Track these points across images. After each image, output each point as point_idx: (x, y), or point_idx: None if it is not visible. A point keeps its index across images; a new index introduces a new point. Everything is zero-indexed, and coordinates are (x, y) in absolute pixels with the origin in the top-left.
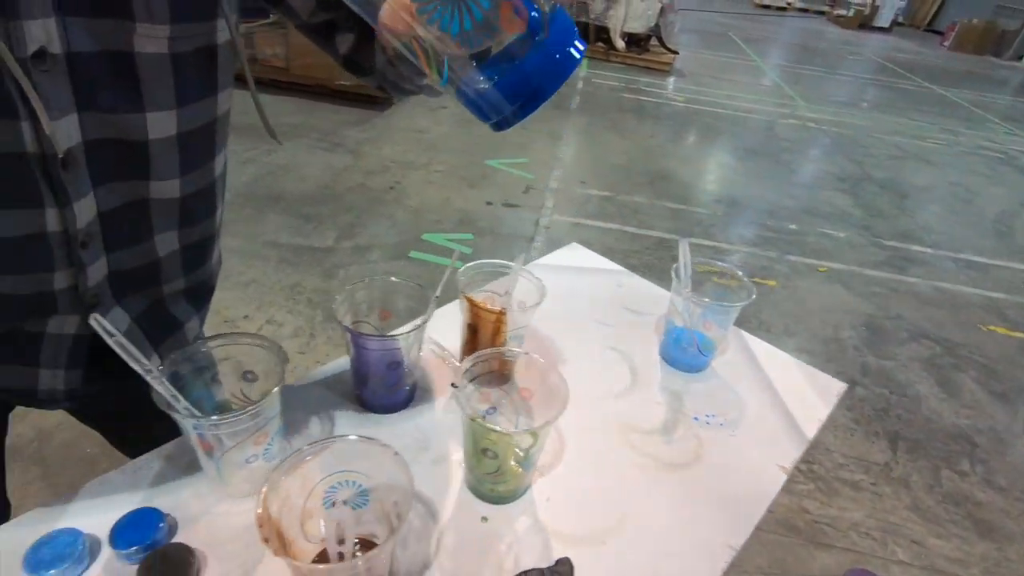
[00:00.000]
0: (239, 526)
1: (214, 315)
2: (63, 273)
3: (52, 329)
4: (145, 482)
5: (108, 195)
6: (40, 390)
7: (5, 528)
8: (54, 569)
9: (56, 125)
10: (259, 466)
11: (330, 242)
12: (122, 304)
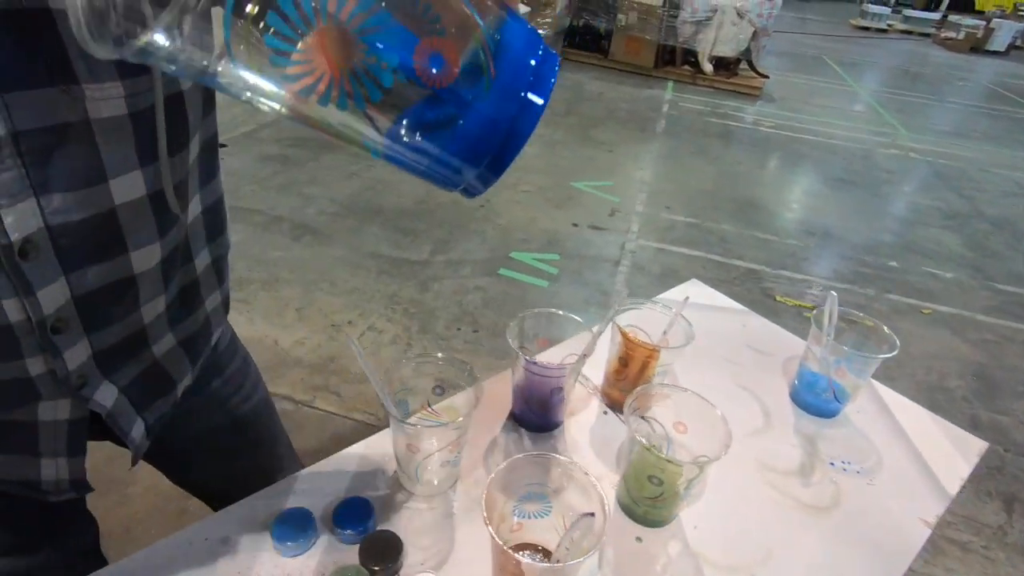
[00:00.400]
0: (431, 520)
1: (322, 318)
2: (36, 359)
3: (44, 416)
4: (347, 475)
5: (82, 278)
6: (44, 480)
7: (255, 498)
8: (291, 541)
9: (8, 212)
10: (449, 471)
11: (425, 255)
12: (111, 379)
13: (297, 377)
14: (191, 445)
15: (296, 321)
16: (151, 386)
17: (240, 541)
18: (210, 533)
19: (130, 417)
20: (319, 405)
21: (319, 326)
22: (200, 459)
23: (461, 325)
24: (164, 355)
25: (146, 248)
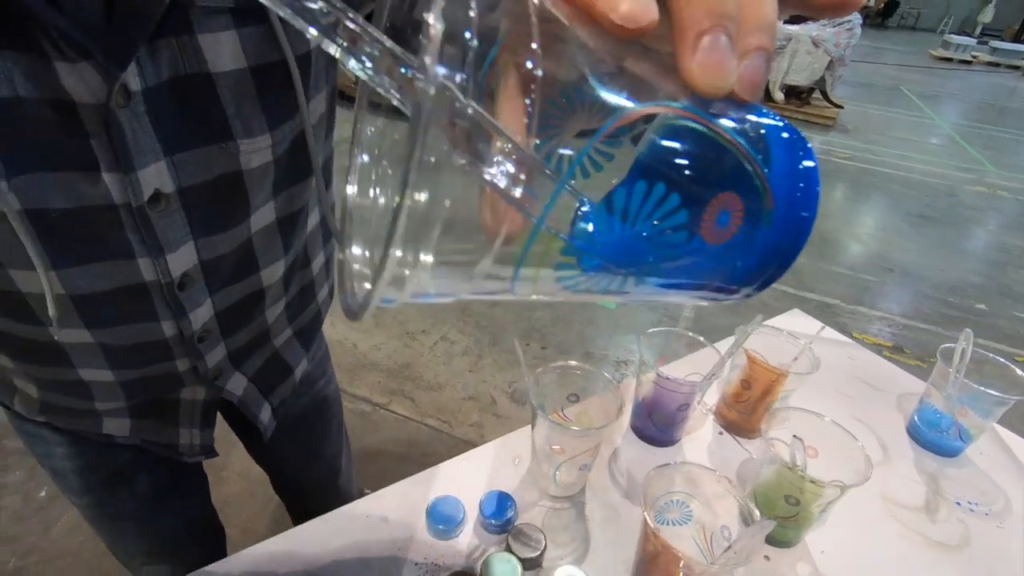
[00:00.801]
0: (567, 519)
1: (397, 326)
2: (183, 360)
3: (185, 397)
4: (485, 469)
5: (224, 298)
6: (180, 444)
7: (408, 483)
8: (443, 525)
9: (172, 258)
10: (582, 475)
11: None
12: (241, 370)
13: (374, 380)
14: (280, 422)
15: (373, 327)
16: (273, 374)
17: (397, 521)
18: (371, 511)
19: (258, 402)
20: (395, 408)
21: (395, 333)
22: (285, 438)
23: (530, 340)
24: (283, 346)
25: (273, 265)
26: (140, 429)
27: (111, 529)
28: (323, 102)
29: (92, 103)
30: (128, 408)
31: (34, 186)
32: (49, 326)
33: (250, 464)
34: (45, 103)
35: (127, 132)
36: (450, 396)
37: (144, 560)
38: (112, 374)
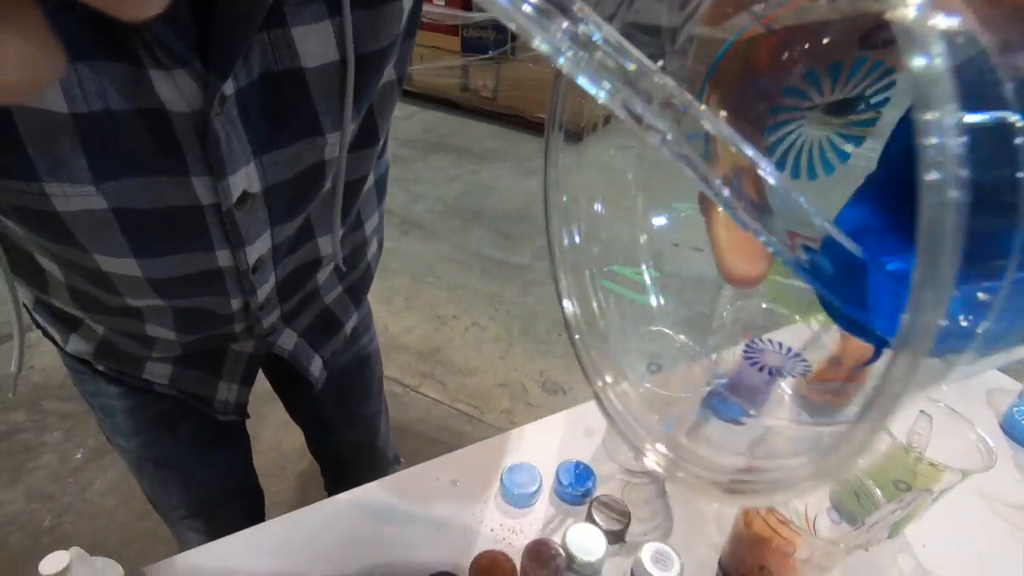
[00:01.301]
0: (646, 495)
1: (428, 309)
2: (240, 324)
3: (234, 349)
4: (558, 438)
5: (284, 269)
6: (217, 400)
7: (480, 447)
8: (521, 489)
9: (251, 250)
10: None
11: (526, 260)
12: (291, 326)
13: (405, 362)
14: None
15: (404, 310)
16: (324, 329)
17: (470, 485)
18: (441, 474)
19: (308, 355)
20: (425, 391)
21: (426, 316)
22: (328, 394)
23: (561, 331)
24: (333, 302)
25: (329, 234)
26: (180, 379)
27: (155, 477)
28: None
29: (187, 112)
30: (173, 357)
31: (121, 189)
32: (126, 296)
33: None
34: (137, 114)
35: (222, 139)
36: (481, 382)
37: (184, 514)
38: (175, 335)
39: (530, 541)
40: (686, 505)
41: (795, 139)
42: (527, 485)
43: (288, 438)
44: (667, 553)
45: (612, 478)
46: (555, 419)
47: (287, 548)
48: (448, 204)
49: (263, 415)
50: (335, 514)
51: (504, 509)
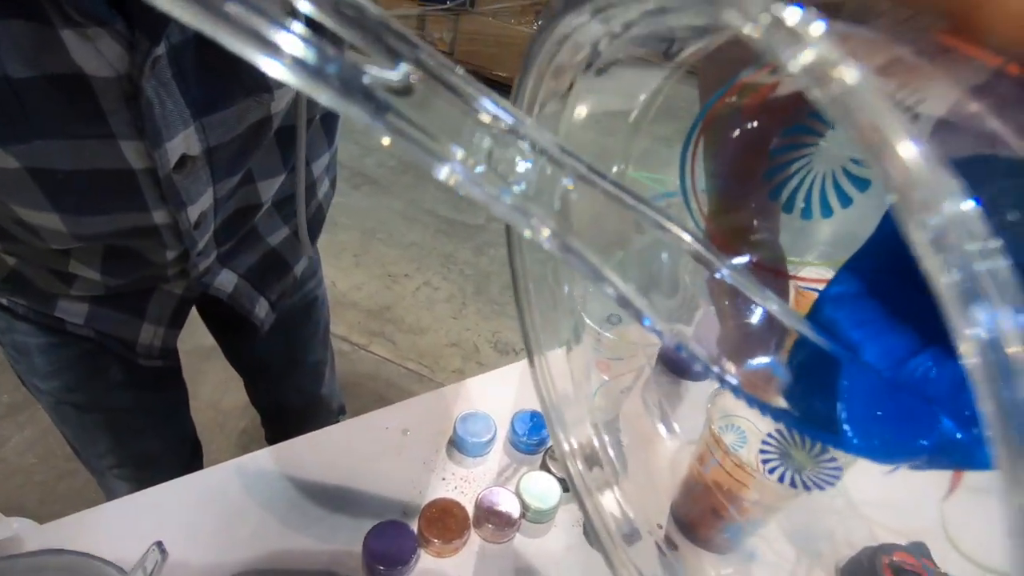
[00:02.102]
0: None
1: (379, 267)
2: (175, 267)
3: (162, 288)
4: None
5: (223, 214)
6: (140, 343)
7: (431, 397)
8: (475, 438)
9: (192, 208)
10: (618, 399)
11: (481, 220)
12: (230, 266)
13: (354, 320)
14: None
15: (353, 266)
16: (270, 270)
17: (421, 435)
18: (390, 423)
19: (252, 297)
20: (374, 350)
21: (376, 274)
22: (271, 338)
23: None
24: (281, 244)
25: (271, 179)
26: (97, 319)
27: (78, 423)
28: None
29: (111, 76)
30: (92, 296)
31: (33, 151)
32: (50, 241)
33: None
34: (47, 81)
35: (155, 105)
36: (432, 341)
37: (113, 463)
38: (100, 276)
39: (483, 490)
40: (639, 452)
41: (804, 176)
42: (481, 434)
43: (227, 396)
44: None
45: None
46: (510, 370)
47: (225, 498)
48: (401, 159)
49: (202, 371)
50: (278, 462)
51: (457, 459)
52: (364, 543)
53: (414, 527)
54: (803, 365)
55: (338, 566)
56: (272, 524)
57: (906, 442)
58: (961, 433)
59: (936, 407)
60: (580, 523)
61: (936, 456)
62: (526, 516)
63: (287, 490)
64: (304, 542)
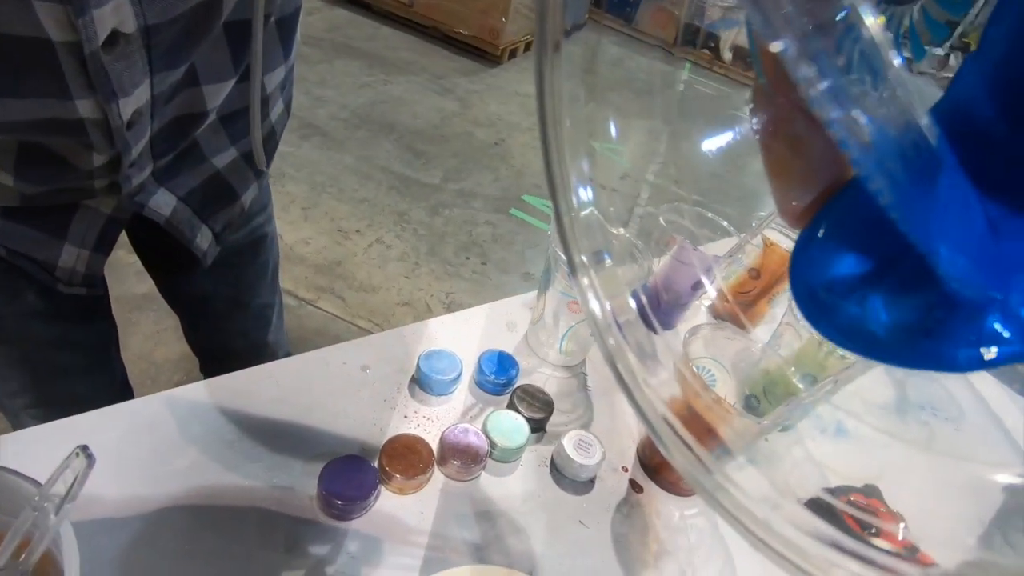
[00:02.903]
0: (568, 387)
1: (329, 222)
2: (102, 180)
3: (88, 205)
4: (480, 328)
5: (161, 119)
6: (60, 267)
7: (393, 334)
8: (440, 376)
9: (125, 100)
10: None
11: (437, 180)
12: (168, 187)
13: (301, 275)
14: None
15: (301, 220)
16: (215, 197)
17: (382, 372)
18: (348, 358)
19: (193, 225)
20: (323, 306)
21: (325, 229)
22: (213, 272)
23: (470, 255)
24: (227, 168)
25: (217, 84)
26: (10, 236)
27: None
28: None
29: None
30: (5, 208)
31: None
32: None
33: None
34: None
35: None
36: (383, 300)
37: (29, 402)
38: (14, 181)
39: (449, 427)
40: (606, 398)
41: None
42: (446, 372)
43: (161, 347)
44: (589, 440)
45: (534, 371)
46: (476, 311)
47: (157, 430)
48: (355, 113)
49: (132, 321)
50: (218, 396)
51: (420, 397)
52: (320, 477)
53: (375, 464)
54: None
55: (288, 506)
56: (211, 459)
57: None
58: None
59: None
60: (547, 463)
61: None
62: (492, 455)
63: (229, 425)
64: (248, 479)
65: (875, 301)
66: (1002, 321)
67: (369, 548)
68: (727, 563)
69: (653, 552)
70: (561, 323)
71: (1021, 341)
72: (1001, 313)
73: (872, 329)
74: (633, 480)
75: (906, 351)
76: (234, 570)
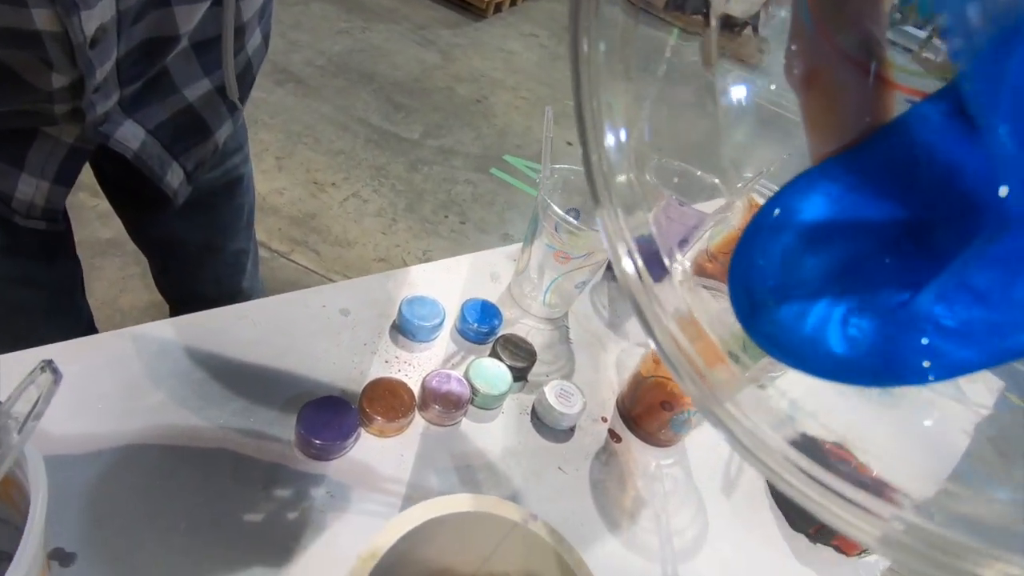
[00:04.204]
0: (550, 338)
1: (304, 173)
2: (63, 105)
3: (48, 132)
4: (462, 278)
5: (129, 40)
6: (16, 198)
7: (373, 279)
8: (422, 322)
9: (88, 13)
10: (571, 295)
11: (416, 136)
12: (135, 118)
13: (274, 226)
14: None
15: (275, 169)
16: (187, 132)
17: (362, 316)
18: (328, 301)
19: (163, 161)
20: (296, 259)
21: (300, 180)
22: (185, 213)
23: (448, 213)
24: (199, 100)
25: (190, 5)
26: None
27: None
28: None
29: None
30: None
31: None
32: None
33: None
34: None
35: None
36: (359, 255)
37: None
38: None
39: (431, 372)
40: (588, 350)
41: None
42: (428, 319)
43: (126, 294)
44: (571, 390)
45: (516, 322)
46: (459, 260)
47: (122, 366)
48: (332, 60)
49: (96, 267)
50: (193, 333)
51: (401, 343)
52: (299, 416)
53: (354, 406)
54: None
55: (265, 445)
56: (183, 397)
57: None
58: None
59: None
60: (528, 412)
61: None
62: (474, 401)
63: (202, 364)
64: (223, 418)
65: (826, 309)
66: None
67: (348, 488)
68: (699, 510)
69: (630, 497)
70: (546, 275)
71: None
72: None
73: (816, 340)
74: (612, 430)
75: (849, 366)
76: (209, 505)
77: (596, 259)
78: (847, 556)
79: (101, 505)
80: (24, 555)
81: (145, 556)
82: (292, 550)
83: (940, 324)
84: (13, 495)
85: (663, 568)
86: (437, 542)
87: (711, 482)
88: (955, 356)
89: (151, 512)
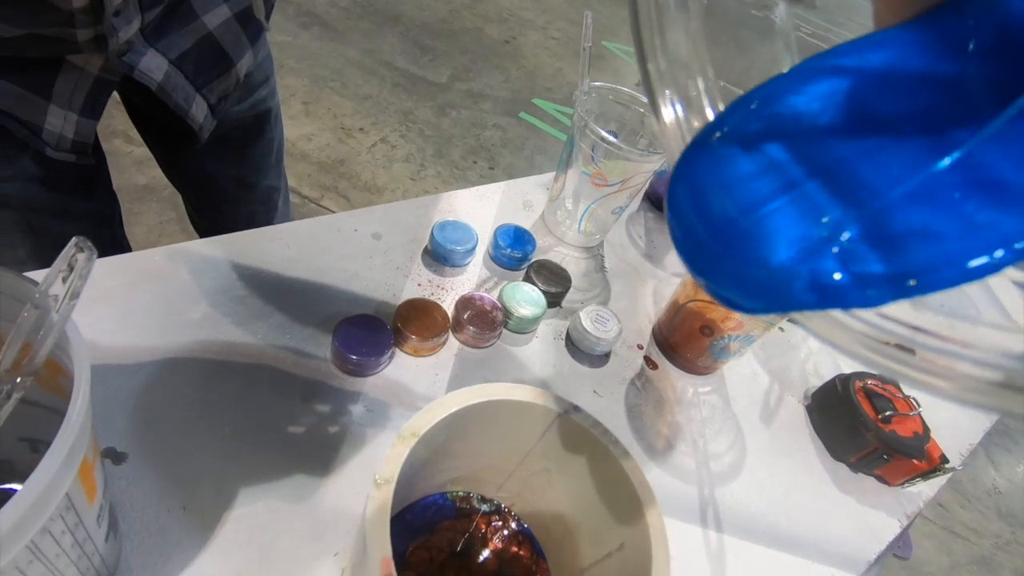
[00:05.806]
0: (586, 267)
1: (331, 118)
2: (86, 31)
3: (74, 62)
4: (495, 203)
5: None
6: (46, 129)
7: (403, 205)
8: (455, 246)
9: None
10: (608, 221)
11: (444, 79)
12: (158, 47)
13: (303, 172)
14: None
15: (303, 115)
16: (207, 62)
17: (394, 240)
18: (360, 225)
19: (187, 93)
20: (327, 204)
21: (328, 125)
22: (216, 152)
23: (477, 159)
24: (219, 29)
25: None
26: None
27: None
28: None
29: None
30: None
31: None
32: None
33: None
34: None
35: None
36: (388, 201)
37: None
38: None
39: (463, 294)
40: (624, 279)
41: None
42: (461, 243)
43: (165, 239)
44: (606, 315)
45: (550, 250)
46: (490, 188)
47: (166, 282)
48: (357, 1)
49: (135, 212)
50: (231, 251)
51: (433, 267)
52: (335, 332)
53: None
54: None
55: (302, 360)
56: (223, 313)
57: None
58: None
59: None
60: (562, 336)
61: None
62: (508, 325)
63: (239, 281)
64: (260, 334)
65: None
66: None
67: (386, 405)
68: (737, 436)
69: (667, 423)
70: (581, 202)
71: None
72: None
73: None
74: (648, 357)
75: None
76: (250, 416)
77: (634, 182)
78: (889, 486)
79: (148, 410)
80: (69, 425)
81: (193, 458)
82: (332, 461)
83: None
84: (57, 378)
85: (700, 490)
86: (476, 436)
87: (750, 411)
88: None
89: (196, 418)
